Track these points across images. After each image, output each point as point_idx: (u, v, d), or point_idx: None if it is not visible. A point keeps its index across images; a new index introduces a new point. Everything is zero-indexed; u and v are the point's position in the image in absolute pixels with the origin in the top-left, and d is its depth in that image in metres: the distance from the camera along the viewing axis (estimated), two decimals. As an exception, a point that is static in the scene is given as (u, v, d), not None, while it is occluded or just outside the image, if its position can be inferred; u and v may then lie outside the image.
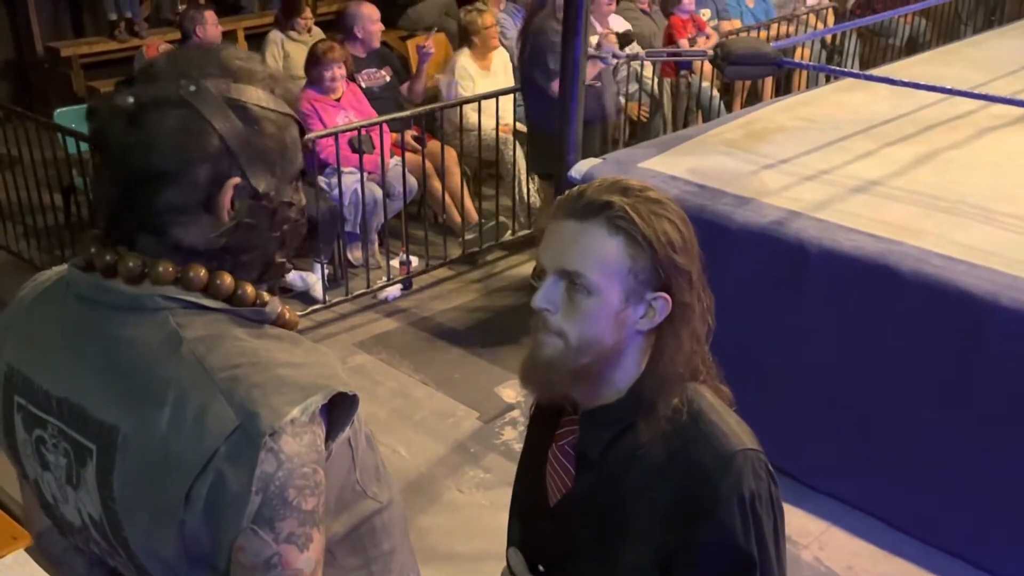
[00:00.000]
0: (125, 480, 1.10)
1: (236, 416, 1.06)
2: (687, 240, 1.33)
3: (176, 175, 1.10)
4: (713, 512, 1.28)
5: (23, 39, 7.34)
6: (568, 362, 1.30)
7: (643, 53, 5.04)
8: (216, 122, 1.11)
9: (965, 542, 3.06)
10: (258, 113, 1.14)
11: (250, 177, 1.14)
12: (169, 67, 1.13)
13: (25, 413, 1.20)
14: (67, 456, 1.16)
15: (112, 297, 1.13)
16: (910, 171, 3.68)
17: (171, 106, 1.10)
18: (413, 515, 3.30)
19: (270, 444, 1.06)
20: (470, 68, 5.64)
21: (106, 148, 1.13)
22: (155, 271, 1.12)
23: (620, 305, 1.29)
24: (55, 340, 1.19)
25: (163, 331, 1.12)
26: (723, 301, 1.42)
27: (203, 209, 1.13)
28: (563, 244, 1.31)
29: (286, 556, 1.09)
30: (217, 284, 1.15)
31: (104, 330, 1.14)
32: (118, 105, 1.11)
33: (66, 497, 1.18)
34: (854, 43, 7.53)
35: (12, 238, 5.30)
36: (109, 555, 1.20)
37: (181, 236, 1.13)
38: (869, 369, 3.13)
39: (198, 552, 1.09)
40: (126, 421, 1.10)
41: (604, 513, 1.36)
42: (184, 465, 1.06)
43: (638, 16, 6.74)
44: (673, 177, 3.59)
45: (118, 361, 1.12)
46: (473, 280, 5.16)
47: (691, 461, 1.30)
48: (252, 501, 1.06)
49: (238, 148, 1.12)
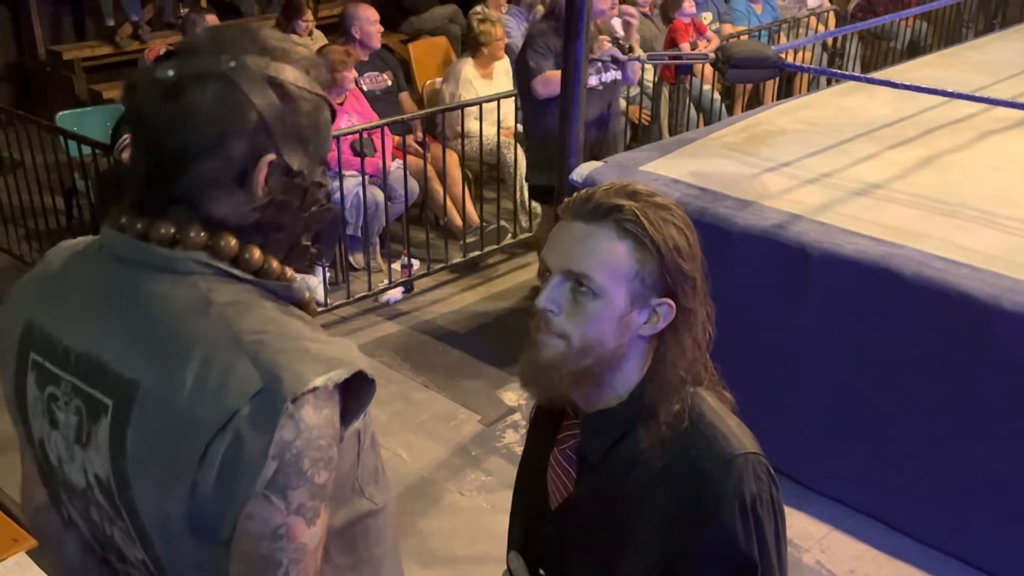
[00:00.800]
0: (141, 436, 1.09)
1: (261, 379, 1.06)
2: (693, 246, 1.33)
3: (212, 148, 1.11)
4: (715, 516, 1.28)
5: (25, 42, 7.35)
6: (569, 364, 1.30)
7: (644, 56, 5.04)
8: (255, 97, 1.11)
9: (967, 545, 3.05)
10: (294, 92, 1.15)
11: (284, 154, 1.15)
12: (210, 43, 1.14)
13: (39, 370, 1.20)
14: (79, 413, 1.15)
15: (147, 256, 1.13)
16: (911, 174, 3.68)
17: (211, 80, 1.10)
18: (414, 518, 3.30)
19: (291, 410, 1.06)
20: (472, 78, 5.64)
21: (143, 120, 1.13)
22: (186, 236, 1.13)
23: (625, 309, 1.29)
24: (83, 297, 1.19)
25: (193, 293, 1.12)
26: (725, 304, 1.42)
27: (237, 184, 1.13)
28: (570, 245, 1.31)
29: (294, 528, 1.09)
30: (246, 257, 1.15)
31: (136, 287, 1.14)
32: (158, 77, 1.11)
33: (72, 456, 1.17)
34: (855, 46, 7.53)
35: (14, 241, 5.30)
36: (110, 520, 1.18)
37: (213, 209, 1.14)
38: (871, 372, 3.13)
39: (203, 518, 1.08)
40: (147, 376, 1.10)
41: (605, 517, 1.36)
42: (204, 423, 1.06)
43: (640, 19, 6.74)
44: (675, 180, 3.59)
45: (146, 317, 1.12)
46: (474, 283, 5.16)
47: (692, 465, 1.30)
48: (268, 466, 1.05)
49: (275, 124, 1.13)
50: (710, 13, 6.89)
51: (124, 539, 1.19)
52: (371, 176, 4.89)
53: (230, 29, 1.19)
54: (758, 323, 3.30)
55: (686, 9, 6.34)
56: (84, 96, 6.97)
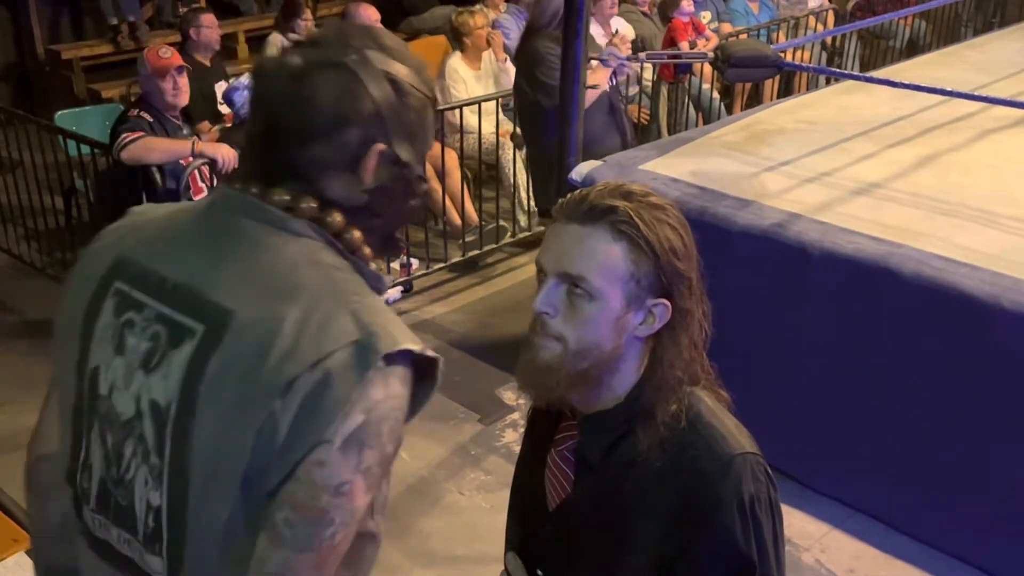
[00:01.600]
0: (225, 362, 1.13)
1: (358, 331, 1.12)
2: (688, 246, 1.33)
3: (330, 132, 1.19)
4: (713, 516, 1.28)
5: (24, 42, 7.34)
6: (566, 366, 1.30)
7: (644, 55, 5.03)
8: (372, 89, 1.19)
9: (967, 545, 3.05)
10: (407, 88, 1.23)
11: (394, 145, 1.22)
12: (335, 37, 1.23)
13: (121, 298, 1.24)
14: (154, 339, 1.19)
15: (265, 213, 1.20)
16: (911, 173, 3.68)
17: (335, 69, 1.19)
18: (414, 518, 3.29)
19: (383, 367, 1.12)
20: (461, 71, 5.66)
21: (267, 101, 1.21)
22: (298, 206, 1.20)
23: (621, 311, 1.29)
24: (190, 237, 1.25)
25: (304, 250, 1.19)
26: (724, 304, 1.42)
27: (349, 168, 1.21)
28: (565, 248, 1.30)
29: (355, 488, 1.12)
30: (347, 237, 1.23)
31: (249, 235, 1.20)
32: (285, 63, 1.20)
33: (129, 383, 1.20)
34: (854, 45, 7.53)
35: (13, 241, 5.30)
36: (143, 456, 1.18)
37: (325, 188, 1.21)
38: (870, 371, 3.13)
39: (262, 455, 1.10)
40: (247, 310, 1.15)
41: (604, 518, 1.36)
42: (296, 357, 1.10)
43: (639, 18, 6.75)
44: (674, 179, 3.59)
45: (256, 260, 1.19)
46: (473, 283, 5.16)
47: (690, 466, 1.30)
48: (354, 417, 1.10)
49: (388, 116, 1.21)
50: (709, 12, 6.89)
51: (148, 479, 1.19)
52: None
53: (353, 27, 1.29)
54: (757, 322, 3.30)
55: (684, 8, 6.34)
56: (83, 95, 6.96)
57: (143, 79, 4.34)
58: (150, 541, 1.19)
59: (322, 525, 1.10)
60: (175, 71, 4.26)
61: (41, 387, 1.40)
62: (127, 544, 1.23)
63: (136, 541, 1.21)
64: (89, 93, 6.96)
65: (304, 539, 1.10)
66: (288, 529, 1.10)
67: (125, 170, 4.17)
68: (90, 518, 1.27)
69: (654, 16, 6.98)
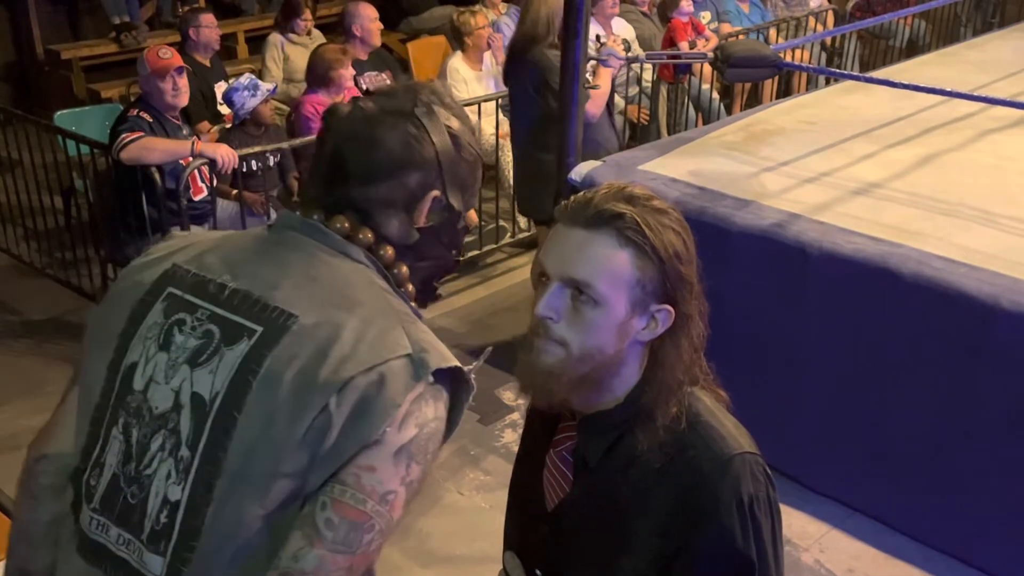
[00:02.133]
0: (283, 358, 1.18)
1: (411, 346, 1.20)
2: (690, 250, 1.34)
3: (393, 173, 1.29)
4: (712, 515, 1.28)
5: (24, 42, 7.34)
6: (569, 371, 1.30)
7: (643, 55, 5.04)
8: (435, 139, 1.31)
9: (966, 545, 3.05)
10: (464, 144, 1.35)
11: (448, 193, 1.33)
12: (405, 90, 1.35)
13: (172, 300, 1.29)
14: (205, 336, 1.24)
15: (325, 238, 1.29)
16: (910, 173, 3.68)
17: (405, 118, 1.30)
18: (413, 518, 3.29)
19: (432, 383, 1.19)
20: (462, 71, 5.65)
21: (337, 139, 1.31)
22: (356, 234, 1.29)
23: (625, 316, 1.29)
24: (252, 251, 1.32)
25: (360, 272, 1.28)
26: (723, 304, 1.43)
27: (405, 209, 1.31)
28: (570, 252, 1.30)
29: (398, 499, 1.17)
30: (394, 272, 1.32)
31: (311, 253, 1.28)
32: (360, 107, 1.32)
33: (170, 377, 1.24)
34: (854, 45, 7.53)
35: (12, 241, 5.30)
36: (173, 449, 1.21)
37: (381, 225, 1.31)
38: (870, 371, 3.13)
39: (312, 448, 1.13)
40: (308, 316, 1.21)
41: (603, 518, 1.36)
42: (355, 360, 1.16)
43: (639, 19, 6.74)
44: (673, 179, 3.59)
45: (316, 276, 1.26)
46: (473, 283, 5.16)
47: (689, 465, 1.30)
48: (409, 428, 1.16)
49: (446, 165, 1.32)
50: (708, 12, 6.88)
51: (172, 474, 1.21)
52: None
53: (423, 85, 1.39)
54: (757, 322, 3.30)
55: (684, 8, 6.34)
56: (83, 95, 6.95)
57: (143, 79, 4.34)
58: (155, 539, 1.20)
59: (363, 530, 1.15)
60: (175, 71, 4.26)
61: (40, 387, 1.40)
62: (126, 545, 1.23)
63: (137, 541, 1.22)
64: (89, 93, 6.95)
65: (344, 541, 1.14)
66: (330, 530, 1.13)
67: (124, 170, 4.17)
68: (88, 519, 1.28)
69: (654, 16, 6.98)
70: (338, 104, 1.36)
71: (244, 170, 4.47)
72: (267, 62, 6.00)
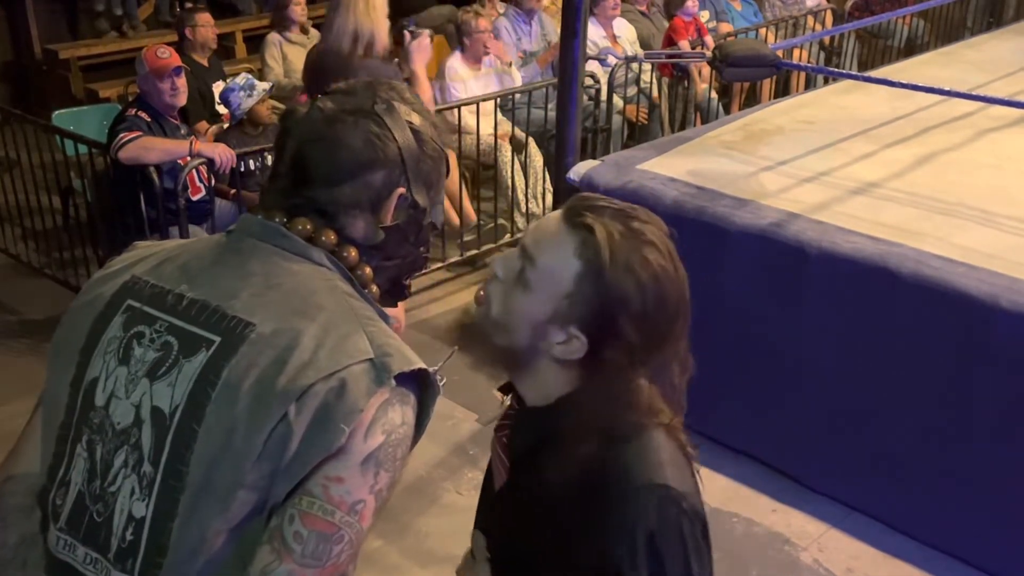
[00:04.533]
0: (240, 368, 1.16)
1: (373, 351, 1.18)
2: (650, 313, 1.24)
3: (358, 174, 1.27)
4: (610, 543, 1.23)
5: (21, 41, 7.33)
6: (487, 331, 1.32)
7: (642, 55, 5.04)
8: (398, 136, 1.28)
9: (965, 544, 3.05)
10: (427, 139, 1.32)
11: (413, 190, 1.31)
12: (364, 89, 1.31)
13: (131, 313, 1.27)
14: (165, 348, 1.22)
15: (286, 242, 1.26)
16: (909, 173, 3.68)
17: (366, 116, 1.27)
18: (412, 517, 3.29)
19: (396, 387, 1.17)
20: (460, 70, 5.64)
21: (298, 142, 1.28)
22: (319, 237, 1.27)
23: (542, 317, 1.26)
24: (209, 259, 1.29)
25: (321, 277, 1.25)
26: (722, 303, 1.43)
27: (370, 209, 1.29)
28: (542, 233, 1.30)
29: (367, 508, 1.15)
30: (360, 273, 1.30)
31: (269, 259, 1.25)
32: (321, 108, 1.28)
33: (131, 392, 1.22)
34: (852, 45, 7.53)
35: (10, 240, 5.29)
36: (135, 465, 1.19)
37: (346, 226, 1.29)
38: (868, 371, 3.13)
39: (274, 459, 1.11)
40: (265, 324, 1.19)
41: (525, 514, 1.35)
42: (315, 366, 1.14)
43: (637, 18, 6.75)
44: (672, 179, 3.59)
45: (275, 282, 1.23)
46: (472, 282, 5.15)
47: (599, 489, 1.25)
48: (376, 436, 1.14)
49: (410, 163, 1.30)
50: (707, 11, 6.89)
51: (135, 490, 1.19)
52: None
53: (380, 83, 1.35)
54: (755, 322, 3.30)
55: (689, 8, 6.34)
56: (80, 95, 6.95)
57: (141, 79, 4.34)
58: (122, 557, 1.19)
59: (333, 541, 1.12)
60: (173, 71, 4.26)
61: (38, 387, 1.39)
62: (92, 564, 1.22)
63: (104, 560, 1.20)
64: (87, 93, 6.94)
65: (313, 554, 1.12)
66: (298, 543, 1.11)
67: (123, 170, 4.16)
68: (55, 539, 1.26)
69: (653, 15, 6.98)
70: (295, 106, 1.33)
71: (242, 170, 4.47)
72: (267, 60, 5.99)
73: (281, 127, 1.32)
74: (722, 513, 3.29)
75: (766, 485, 3.42)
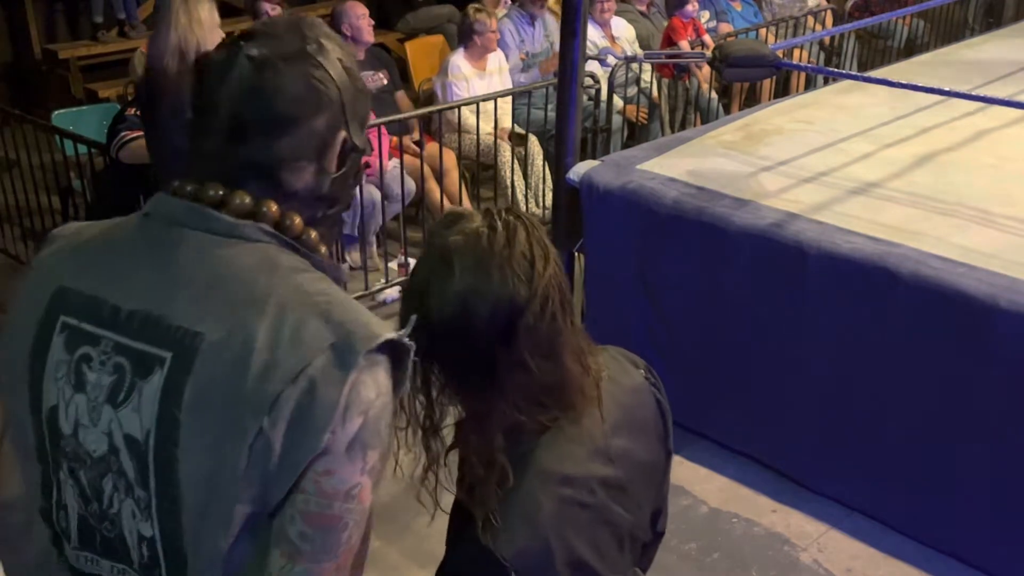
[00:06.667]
0: (202, 385, 1.09)
1: (332, 334, 1.10)
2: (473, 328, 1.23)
3: (298, 121, 1.17)
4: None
5: (21, 41, 7.33)
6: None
7: (641, 55, 5.04)
8: (334, 75, 1.20)
9: (965, 544, 3.05)
10: (356, 74, 1.24)
11: (351, 132, 1.23)
12: (287, 29, 1.21)
13: (71, 332, 1.18)
14: (118, 371, 1.14)
15: (209, 223, 1.16)
16: (908, 173, 3.68)
17: (298, 59, 1.18)
18: (412, 518, 3.29)
19: (367, 367, 1.10)
20: (464, 68, 5.62)
21: (224, 97, 1.17)
22: (260, 211, 1.18)
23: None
24: (135, 259, 1.19)
25: (260, 255, 1.16)
26: (721, 303, 1.42)
27: (315, 157, 1.20)
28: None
29: (364, 489, 1.12)
30: (304, 238, 1.21)
31: (200, 248, 1.16)
32: (246, 55, 1.17)
33: (96, 420, 1.15)
34: (852, 45, 7.54)
35: (10, 240, 5.29)
36: (126, 490, 1.15)
37: (291, 180, 1.20)
38: (868, 371, 3.13)
39: (258, 475, 1.08)
40: (214, 330, 1.11)
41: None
42: (278, 371, 1.07)
43: (636, 18, 6.75)
44: (672, 179, 3.59)
45: (213, 275, 1.14)
46: (472, 282, 5.14)
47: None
48: (354, 422, 1.08)
49: (348, 103, 1.21)
50: (707, 12, 6.89)
51: (136, 512, 1.15)
52: (368, 175, 4.88)
53: (300, 19, 1.25)
54: (755, 322, 3.29)
55: (688, 10, 6.34)
56: (80, 95, 6.95)
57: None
58: (148, 569, 1.16)
59: (338, 530, 1.10)
60: (172, 71, 4.25)
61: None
62: (122, 574, 1.19)
63: (131, 570, 1.18)
64: (86, 93, 6.94)
65: (323, 548, 1.10)
66: (306, 543, 1.09)
67: (123, 169, 4.16)
68: (75, 556, 1.23)
69: (652, 15, 6.98)
70: (211, 57, 1.20)
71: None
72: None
73: (199, 80, 1.20)
74: (722, 513, 3.28)
75: (766, 485, 3.42)
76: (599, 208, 3.63)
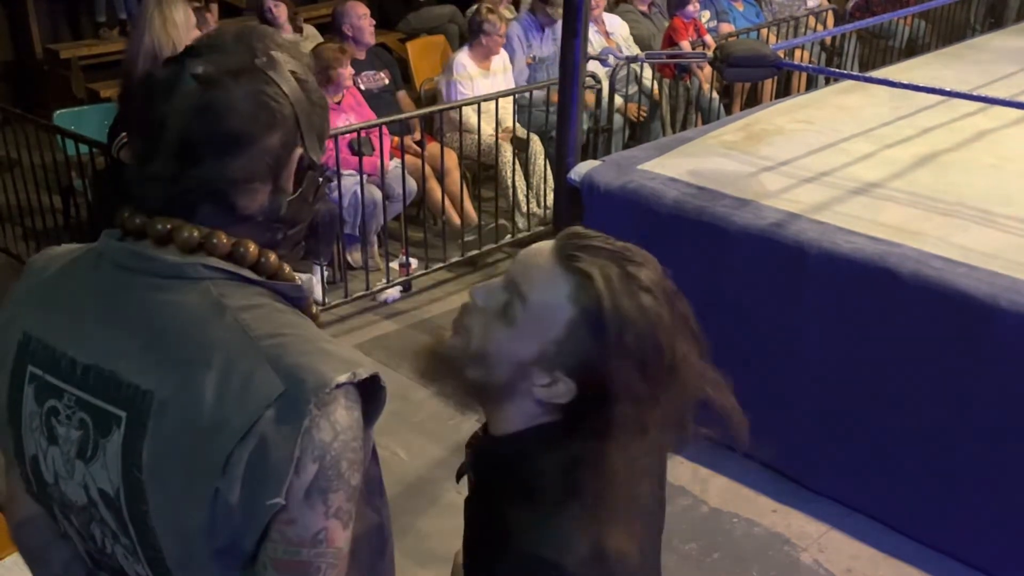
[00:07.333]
0: (157, 446, 1.07)
1: (282, 383, 1.06)
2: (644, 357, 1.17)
3: (251, 140, 1.11)
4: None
5: (22, 41, 7.34)
6: (461, 364, 1.23)
7: (642, 55, 5.04)
8: (287, 90, 1.13)
9: (965, 544, 3.06)
10: (311, 86, 1.17)
11: (308, 149, 1.17)
12: (235, 40, 1.14)
13: (39, 383, 1.16)
14: (83, 427, 1.13)
15: (153, 265, 1.12)
16: (909, 173, 3.68)
17: (247, 74, 1.11)
18: (412, 518, 3.29)
19: (320, 411, 1.05)
20: (469, 67, 5.61)
21: (170, 118, 1.11)
22: (210, 242, 1.12)
23: (527, 357, 1.18)
24: (86, 307, 1.16)
25: (205, 299, 1.11)
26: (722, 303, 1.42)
27: (270, 177, 1.14)
28: (533, 269, 1.21)
29: (332, 532, 1.09)
30: (262, 261, 1.16)
31: (144, 296, 1.12)
32: (191, 72, 1.10)
33: (72, 472, 1.14)
34: (853, 45, 7.54)
35: (11, 240, 5.30)
36: (113, 537, 1.16)
37: (246, 204, 1.14)
38: (869, 371, 3.13)
39: (225, 531, 1.06)
40: (163, 387, 1.08)
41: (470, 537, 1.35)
42: (225, 430, 1.04)
43: (638, 18, 6.75)
44: (672, 179, 3.59)
45: (159, 326, 1.10)
46: (473, 282, 5.14)
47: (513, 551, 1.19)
48: (308, 469, 1.05)
49: (303, 119, 1.15)
50: (708, 12, 6.89)
51: (127, 556, 1.16)
52: (369, 175, 4.88)
53: (248, 29, 1.19)
54: (755, 322, 3.30)
55: (689, 11, 6.34)
56: (82, 95, 6.95)
57: (141, 79, 4.33)
58: None
59: (311, 575, 1.09)
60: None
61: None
62: None
63: None
64: (88, 92, 6.95)
65: None
66: None
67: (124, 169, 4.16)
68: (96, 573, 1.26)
69: (653, 15, 6.98)
70: (155, 74, 1.14)
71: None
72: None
73: (143, 98, 1.14)
74: (722, 513, 3.29)
75: (766, 485, 3.42)
76: (600, 208, 3.63)
